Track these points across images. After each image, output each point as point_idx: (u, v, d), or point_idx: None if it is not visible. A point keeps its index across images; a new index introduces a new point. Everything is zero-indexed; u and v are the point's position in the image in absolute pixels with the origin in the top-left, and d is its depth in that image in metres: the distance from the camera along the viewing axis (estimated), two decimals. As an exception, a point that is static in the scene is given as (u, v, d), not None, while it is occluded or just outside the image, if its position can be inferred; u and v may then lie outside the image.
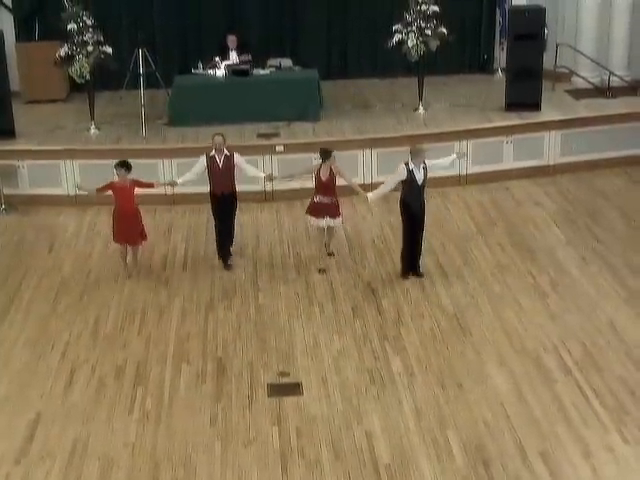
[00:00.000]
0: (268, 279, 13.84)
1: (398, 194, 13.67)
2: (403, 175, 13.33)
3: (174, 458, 9.77)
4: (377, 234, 15.10)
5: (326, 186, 14.02)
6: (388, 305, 12.89)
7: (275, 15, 21.04)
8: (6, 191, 16.57)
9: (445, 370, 11.22)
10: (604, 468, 9.41)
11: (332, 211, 14.17)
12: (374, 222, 15.26)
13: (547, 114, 17.99)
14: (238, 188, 14.34)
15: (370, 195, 13.79)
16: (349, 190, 15.00)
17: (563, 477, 9.32)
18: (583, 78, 19.74)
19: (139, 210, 13.95)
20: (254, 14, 20.87)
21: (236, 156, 14.06)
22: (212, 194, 14.18)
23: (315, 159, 14.69)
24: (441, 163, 14.17)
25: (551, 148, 17.61)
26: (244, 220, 15.76)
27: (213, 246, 14.76)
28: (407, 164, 13.30)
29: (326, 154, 13.95)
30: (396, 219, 15.30)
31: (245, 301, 13.18)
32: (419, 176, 13.30)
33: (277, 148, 16.07)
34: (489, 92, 19.70)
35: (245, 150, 15.73)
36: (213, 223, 14.43)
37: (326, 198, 14.07)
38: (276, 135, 17.06)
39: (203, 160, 14.00)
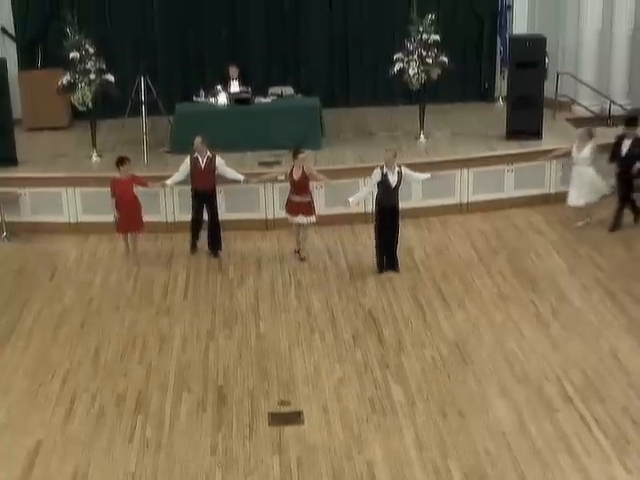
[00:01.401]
0: (269, 307, 13.83)
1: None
2: (378, 177, 14.47)
3: (174, 487, 9.75)
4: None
5: (299, 185, 15.02)
6: (389, 333, 12.87)
7: (277, 43, 21.16)
8: (8, 218, 16.57)
9: (446, 399, 11.18)
10: (606, 498, 9.40)
11: (305, 209, 15.11)
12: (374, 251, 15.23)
13: (548, 142, 18.01)
14: (240, 216, 15.43)
15: (350, 200, 14.82)
16: (350, 219, 15.23)
17: (565, 507, 9.32)
18: (584, 107, 19.84)
19: (138, 200, 15.34)
20: (256, 42, 20.98)
21: (218, 159, 15.44)
22: (193, 190, 15.56)
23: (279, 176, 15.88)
24: (415, 176, 15.08)
25: (552, 176, 17.61)
26: (245, 248, 15.84)
27: (214, 274, 15.00)
28: (382, 168, 14.46)
29: (294, 153, 15.01)
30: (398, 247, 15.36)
31: (246, 329, 13.16)
32: (392, 179, 14.44)
33: (278, 177, 16.10)
34: (490, 120, 19.76)
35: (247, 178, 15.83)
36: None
37: (300, 197, 15.06)
38: (277, 163, 17.05)
39: (187, 161, 15.39)
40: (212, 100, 18.53)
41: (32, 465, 10.11)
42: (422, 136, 18.61)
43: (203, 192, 15.42)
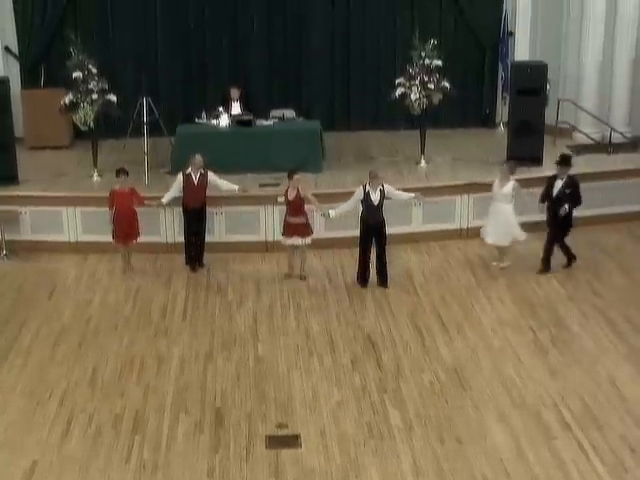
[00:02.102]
0: (268, 330, 13.82)
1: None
2: (360, 195, 14.89)
3: (170, 509, 9.74)
4: (377, 286, 15.08)
5: (294, 206, 15.20)
6: (387, 358, 12.86)
7: (279, 66, 21.26)
8: (8, 237, 16.59)
9: (444, 424, 11.16)
10: (604, 527, 9.38)
11: (301, 230, 15.25)
12: (374, 273, 15.22)
13: (548, 169, 18.00)
14: (240, 238, 15.79)
15: (332, 212, 15.12)
16: (349, 242, 15.25)
17: (562, 535, 9.30)
18: (584, 134, 19.85)
19: (137, 215, 15.69)
20: (258, 65, 21.09)
21: (210, 174, 15.74)
22: (184, 207, 15.80)
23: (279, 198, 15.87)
24: (399, 195, 15.23)
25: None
26: (245, 271, 15.82)
27: (213, 296, 15.00)
28: (365, 186, 14.87)
29: (289, 174, 15.22)
30: (395, 271, 15.39)
31: (244, 352, 13.14)
32: (374, 197, 14.79)
33: (279, 199, 16.13)
34: (491, 146, 19.82)
35: (247, 200, 15.87)
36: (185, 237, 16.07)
37: (295, 218, 15.23)
38: (278, 186, 17.06)
39: (180, 177, 15.70)
40: (214, 122, 18.57)
41: (28, 485, 10.08)
42: (423, 161, 18.64)
43: (194, 209, 15.70)
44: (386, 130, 21.05)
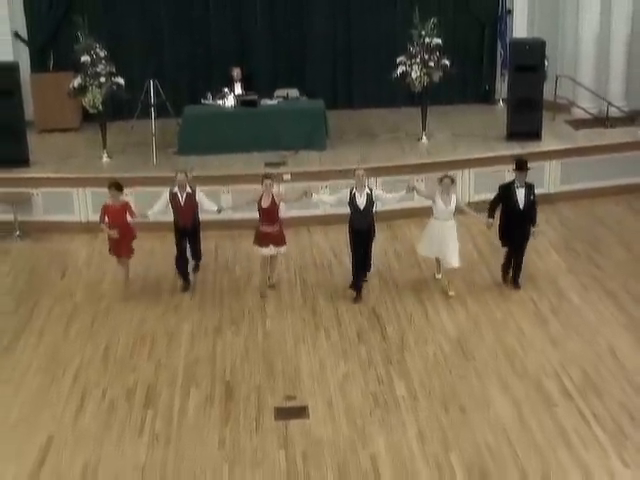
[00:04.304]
0: (275, 305, 14.03)
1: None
2: (346, 197, 13.88)
3: (183, 480, 9.94)
4: (381, 261, 15.27)
5: (268, 214, 14.06)
6: (392, 330, 13.08)
7: (282, 46, 21.43)
8: (20, 218, 16.80)
9: (448, 394, 11.39)
10: (604, 492, 9.56)
11: (276, 239, 14.25)
12: (379, 250, 15.34)
13: (547, 144, 18.24)
14: (245, 215, 15.45)
15: (315, 195, 14.35)
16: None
17: (563, 499, 9.50)
18: (582, 109, 19.97)
19: (131, 229, 14.39)
20: (262, 45, 21.25)
21: (197, 193, 14.41)
22: (175, 225, 14.62)
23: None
24: (390, 198, 14.46)
25: (551, 177, 17.86)
26: (251, 247, 15.92)
27: (221, 273, 15.26)
28: (352, 189, 13.80)
29: (262, 179, 14.06)
30: (401, 246, 15.62)
31: (253, 327, 13.36)
32: (360, 201, 13.73)
33: (284, 177, 16.30)
34: (491, 122, 20.00)
35: (253, 179, 15.93)
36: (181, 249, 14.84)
37: (270, 227, 14.13)
38: (283, 164, 17.30)
39: (166, 196, 14.36)
40: (219, 102, 18.77)
41: (43, 460, 10.30)
42: (424, 137, 18.83)
43: (184, 228, 14.58)
44: (388, 108, 21.20)
